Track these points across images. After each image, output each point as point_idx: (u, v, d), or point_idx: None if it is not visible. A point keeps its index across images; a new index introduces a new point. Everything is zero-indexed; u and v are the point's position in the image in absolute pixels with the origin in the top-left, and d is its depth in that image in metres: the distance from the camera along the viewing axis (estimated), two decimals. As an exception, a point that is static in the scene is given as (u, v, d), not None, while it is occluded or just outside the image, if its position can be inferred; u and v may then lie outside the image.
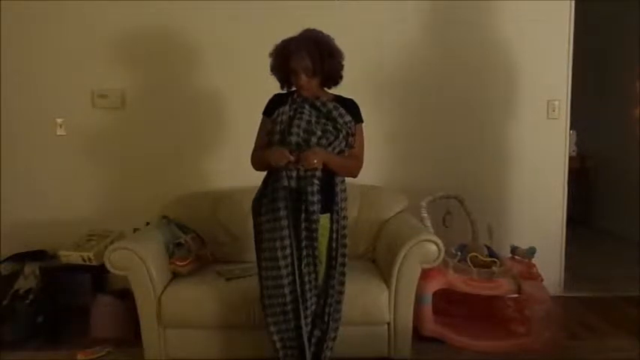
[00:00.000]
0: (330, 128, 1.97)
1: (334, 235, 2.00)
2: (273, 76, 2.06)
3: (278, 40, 2.02)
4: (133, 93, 3.06)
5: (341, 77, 2.05)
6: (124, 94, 3.05)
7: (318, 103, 2.01)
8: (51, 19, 2.99)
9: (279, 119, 1.99)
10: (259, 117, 2.12)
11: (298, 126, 1.95)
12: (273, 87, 2.08)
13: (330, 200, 1.99)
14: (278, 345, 2.01)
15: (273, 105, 2.06)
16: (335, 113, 1.99)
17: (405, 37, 3.07)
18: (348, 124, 2.01)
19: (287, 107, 2.00)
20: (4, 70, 3.01)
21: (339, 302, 2.04)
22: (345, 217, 2.05)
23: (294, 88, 2.06)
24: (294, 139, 1.93)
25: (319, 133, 1.95)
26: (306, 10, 2.80)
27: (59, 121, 3.05)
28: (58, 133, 3.06)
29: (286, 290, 1.95)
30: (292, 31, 2.02)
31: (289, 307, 1.97)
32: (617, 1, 4.63)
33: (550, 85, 3.13)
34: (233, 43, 3.00)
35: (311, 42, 1.96)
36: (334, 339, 2.04)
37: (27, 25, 3.00)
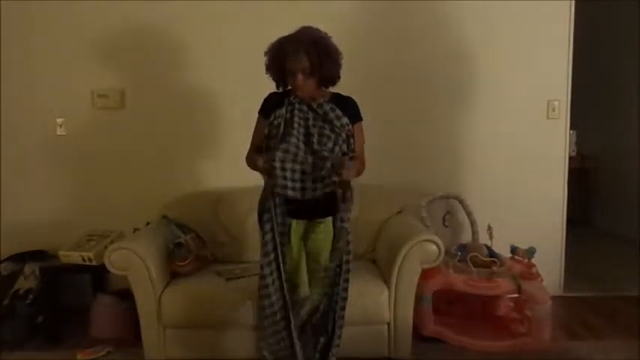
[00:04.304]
0: (327, 132, 1.93)
1: (340, 234, 1.97)
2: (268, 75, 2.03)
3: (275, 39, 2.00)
4: (132, 93, 3.06)
5: (339, 77, 2.02)
6: (124, 94, 3.05)
7: (315, 105, 1.96)
8: (51, 19, 2.99)
9: (276, 122, 1.94)
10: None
11: (295, 128, 1.91)
12: (273, 86, 2.07)
13: (332, 204, 1.95)
14: (268, 355, 2.00)
15: (269, 104, 2.03)
16: (332, 115, 1.95)
17: (405, 37, 3.07)
18: (346, 127, 1.96)
19: (283, 110, 1.95)
20: (4, 70, 3.02)
21: (343, 309, 2.03)
22: (348, 219, 2.02)
23: (289, 87, 2.03)
24: (293, 140, 1.89)
25: (317, 136, 1.91)
26: (305, 8, 2.82)
27: (59, 121, 3.05)
28: (58, 133, 3.06)
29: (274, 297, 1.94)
30: (294, 28, 1.99)
31: (277, 308, 1.95)
32: (617, 1, 4.64)
33: (550, 85, 3.13)
34: (233, 42, 3.00)
35: (309, 42, 1.91)
36: (338, 345, 2.03)
37: (27, 25, 3.00)
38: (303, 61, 1.89)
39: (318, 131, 1.93)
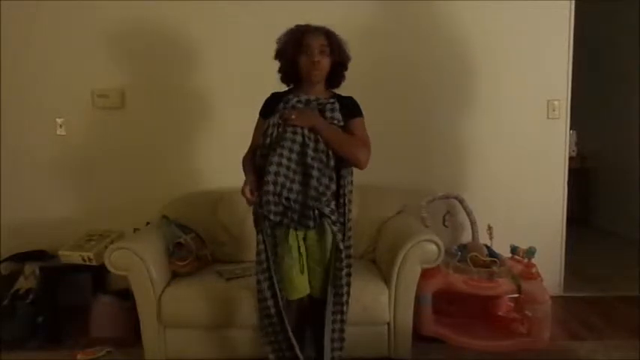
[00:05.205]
0: (323, 145, 1.90)
1: (333, 248, 1.95)
2: (270, 70, 2.01)
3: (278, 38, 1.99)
4: (132, 92, 3.06)
5: (344, 77, 2.03)
6: (124, 93, 3.05)
7: (302, 102, 1.94)
8: (51, 19, 2.99)
9: (269, 132, 1.92)
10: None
11: (286, 147, 1.88)
12: (275, 86, 2.07)
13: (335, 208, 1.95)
14: (270, 354, 2.02)
15: (270, 105, 2.01)
16: (328, 107, 1.94)
17: (405, 37, 3.07)
18: (337, 121, 1.93)
19: (276, 119, 1.92)
20: (4, 70, 3.02)
21: (341, 312, 2.01)
22: (350, 229, 2.01)
23: (291, 86, 2.03)
24: (285, 153, 1.87)
25: (312, 144, 1.89)
26: (308, 11, 2.81)
27: (59, 121, 3.05)
28: (58, 133, 3.06)
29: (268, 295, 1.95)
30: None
31: (273, 311, 1.96)
32: (616, 1, 4.64)
33: (550, 85, 3.13)
34: (234, 41, 3.01)
35: (326, 29, 1.95)
36: (340, 349, 2.02)
37: (27, 24, 3.00)
38: (322, 38, 1.91)
39: (315, 137, 1.89)
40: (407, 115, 3.12)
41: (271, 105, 2.01)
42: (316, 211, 1.90)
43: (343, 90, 2.07)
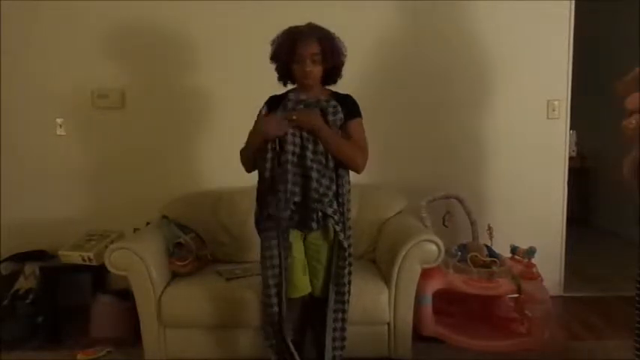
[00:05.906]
0: (322, 147, 1.90)
1: (336, 247, 1.96)
2: (270, 70, 2.01)
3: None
4: (132, 93, 3.06)
5: (340, 76, 2.03)
6: (124, 93, 3.05)
7: (302, 101, 1.94)
8: (51, 19, 3.00)
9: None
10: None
11: (288, 151, 1.88)
12: (275, 86, 2.06)
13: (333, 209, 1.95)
14: (272, 355, 2.03)
15: (269, 109, 2.00)
16: (330, 110, 1.93)
17: (404, 37, 3.07)
18: (340, 121, 1.93)
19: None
20: (4, 70, 3.02)
21: (342, 311, 2.02)
22: (349, 228, 2.01)
23: (290, 87, 2.03)
24: (289, 157, 1.87)
25: (311, 146, 1.89)
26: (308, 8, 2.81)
27: (59, 121, 3.05)
28: (58, 133, 3.06)
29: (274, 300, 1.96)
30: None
31: (276, 320, 1.97)
32: (616, 1, 4.64)
33: (550, 85, 3.13)
34: (234, 41, 3.01)
35: (320, 31, 1.93)
36: (342, 347, 2.02)
37: (27, 25, 3.00)
38: (314, 47, 1.89)
39: (314, 138, 1.89)
40: (407, 115, 3.12)
41: (270, 108, 2.00)
42: (319, 213, 1.91)
43: (344, 89, 2.07)
